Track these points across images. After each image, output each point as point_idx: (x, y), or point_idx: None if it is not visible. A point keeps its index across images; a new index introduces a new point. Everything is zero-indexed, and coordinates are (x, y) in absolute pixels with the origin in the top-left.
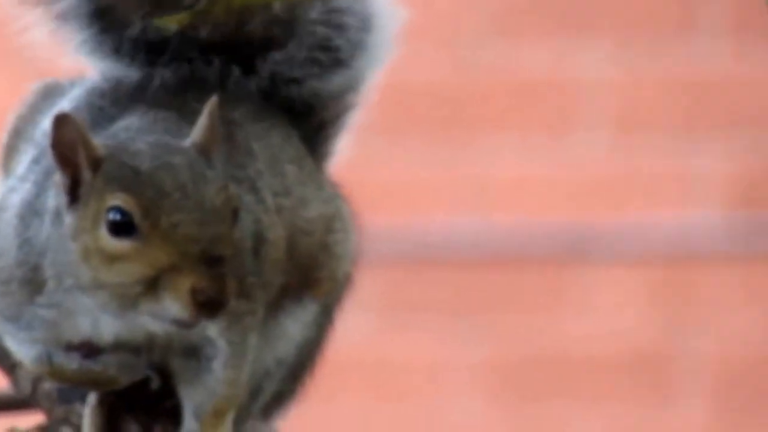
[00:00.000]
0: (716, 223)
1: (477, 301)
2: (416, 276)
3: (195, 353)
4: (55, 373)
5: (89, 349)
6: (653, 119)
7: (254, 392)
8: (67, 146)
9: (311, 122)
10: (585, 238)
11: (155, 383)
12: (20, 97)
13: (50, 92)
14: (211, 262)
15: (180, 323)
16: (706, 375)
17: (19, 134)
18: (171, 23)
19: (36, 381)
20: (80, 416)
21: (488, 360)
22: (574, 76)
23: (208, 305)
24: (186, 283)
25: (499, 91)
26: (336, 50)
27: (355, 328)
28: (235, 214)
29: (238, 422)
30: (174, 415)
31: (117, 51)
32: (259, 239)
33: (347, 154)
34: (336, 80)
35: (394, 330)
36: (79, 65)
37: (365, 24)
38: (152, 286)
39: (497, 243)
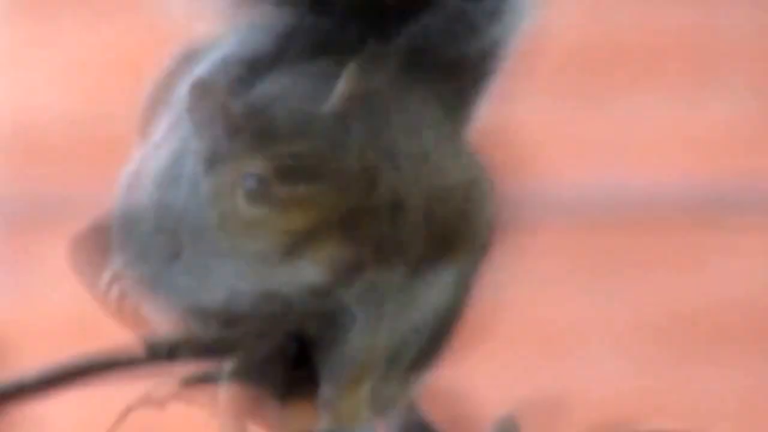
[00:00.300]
0: None
1: (622, 261)
2: (562, 236)
3: (332, 320)
4: (192, 340)
5: (226, 317)
6: None
7: (392, 359)
8: (205, 111)
9: (449, 88)
10: (730, 197)
11: (292, 350)
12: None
13: (188, 58)
14: (349, 229)
15: (317, 290)
16: None
17: (157, 100)
18: None
19: (173, 346)
20: (217, 382)
21: (634, 320)
22: (722, 33)
23: (345, 272)
24: (324, 250)
25: (645, 47)
26: (473, 20)
27: (502, 288)
28: (372, 180)
29: (376, 389)
30: (311, 382)
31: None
32: (396, 206)
33: (488, 117)
34: (474, 47)
35: (540, 290)
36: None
37: None
38: (290, 252)
39: (640, 202)
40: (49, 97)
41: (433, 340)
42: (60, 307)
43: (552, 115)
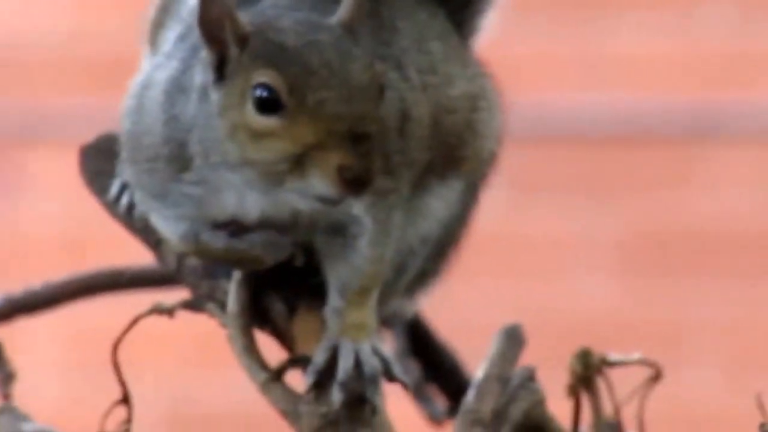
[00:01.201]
0: None
1: (604, 179)
2: (543, 153)
3: (340, 231)
4: (201, 251)
5: (235, 228)
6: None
7: (399, 270)
8: (214, 23)
9: (456, 1)
10: (712, 116)
11: (300, 261)
12: None
13: None
14: (357, 139)
15: (325, 200)
16: None
17: (165, 11)
18: None
19: (181, 257)
20: (225, 292)
21: (614, 236)
22: None
23: (353, 183)
24: (332, 160)
25: None
26: None
27: (483, 206)
28: (380, 91)
29: (383, 300)
30: (318, 292)
31: None
32: (404, 117)
33: (491, 31)
34: None
35: (521, 207)
36: None
37: None
38: (298, 163)
39: (625, 120)
40: (44, 14)
41: (440, 250)
42: (53, 222)
43: (540, 31)
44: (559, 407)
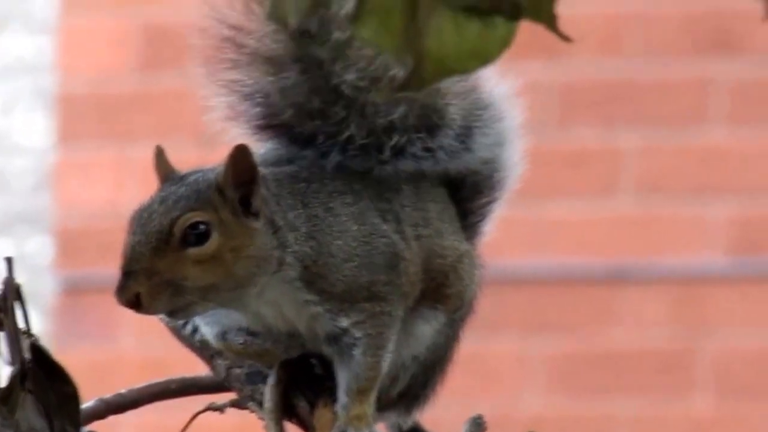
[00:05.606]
0: (717, 259)
1: (551, 316)
2: (508, 299)
3: (336, 340)
4: (229, 348)
5: (250, 331)
6: (670, 184)
7: (393, 379)
8: None
9: (456, 195)
10: (622, 268)
11: (318, 369)
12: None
13: None
14: (126, 274)
15: None
16: (711, 368)
17: None
18: (379, 97)
19: (228, 368)
20: (262, 394)
21: (555, 360)
22: (616, 147)
23: (127, 304)
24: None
25: (557, 160)
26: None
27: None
28: (174, 237)
29: (381, 402)
30: (333, 393)
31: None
32: (396, 257)
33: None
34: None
35: (486, 340)
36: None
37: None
38: None
39: (565, 274)
40: (137, 186)
41: (426, 370)
42: (144, 350)
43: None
44: None
